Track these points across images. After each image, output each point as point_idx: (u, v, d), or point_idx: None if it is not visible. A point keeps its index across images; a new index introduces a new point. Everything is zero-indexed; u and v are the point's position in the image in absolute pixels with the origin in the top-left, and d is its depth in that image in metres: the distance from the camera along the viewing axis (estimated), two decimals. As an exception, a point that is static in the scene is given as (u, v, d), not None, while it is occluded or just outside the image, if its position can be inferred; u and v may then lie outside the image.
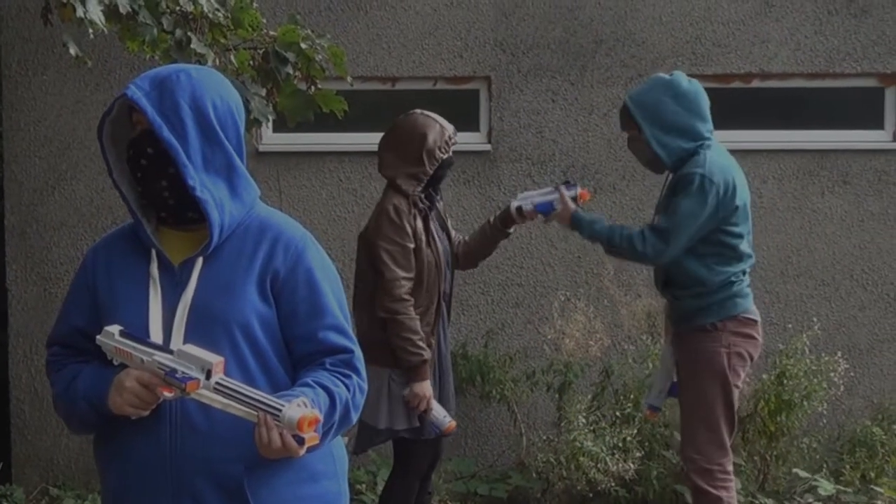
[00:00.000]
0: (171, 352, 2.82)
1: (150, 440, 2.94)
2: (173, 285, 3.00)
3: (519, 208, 5.69)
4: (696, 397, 5.43)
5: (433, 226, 5.57)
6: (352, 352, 3.08)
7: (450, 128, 5.55)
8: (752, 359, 5.49)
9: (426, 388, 5.37)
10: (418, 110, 5.63)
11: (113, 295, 3.05)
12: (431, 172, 5.47)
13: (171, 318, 2.97)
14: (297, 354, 3.06)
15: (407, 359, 5.33)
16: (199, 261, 3.00)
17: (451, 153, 5.54)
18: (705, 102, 5.47)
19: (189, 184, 2.95)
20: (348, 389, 3.01)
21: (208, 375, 2.74)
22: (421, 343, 5.34)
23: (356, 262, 5.65)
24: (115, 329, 2.91)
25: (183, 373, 2.75)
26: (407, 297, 5.34)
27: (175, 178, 2.99)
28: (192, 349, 2.78)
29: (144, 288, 3.00)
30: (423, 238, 5.45)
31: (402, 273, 5.35)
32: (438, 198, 5.66)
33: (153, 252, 3.03)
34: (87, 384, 3.00)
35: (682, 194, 5.30)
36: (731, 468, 5.43)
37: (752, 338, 5.46)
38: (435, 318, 5.53)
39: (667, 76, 5.55)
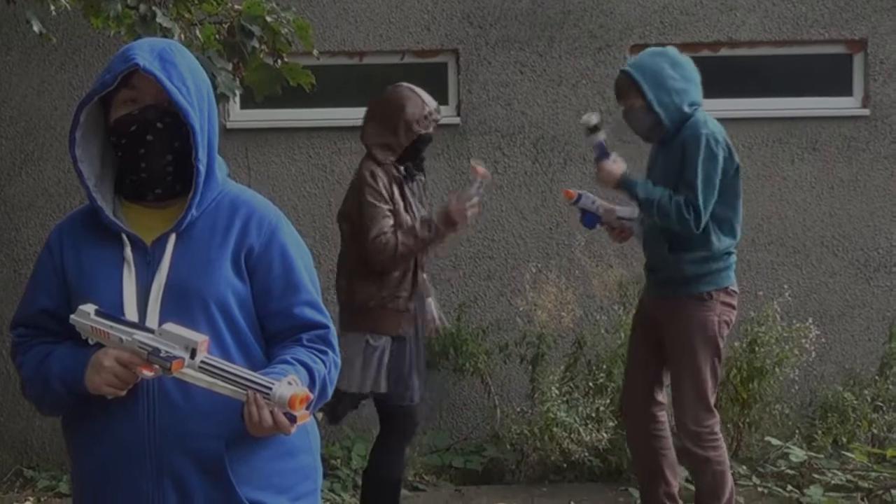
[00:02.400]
0: (150, 330, 2.78)
1: (128, 419, 2.90)
2: (146, 263, 2.96)
3: (596, 127, 5.68)
4: (687, 364, 5.58)
5: (410, 197, 5.59)
6: (327, 327, 3.07)
7: (432, 103, 5.63)
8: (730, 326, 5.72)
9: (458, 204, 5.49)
10: (405, 84, 5.71)
11: (83, 275, 3.00)
12: (406, 144, 5.51)
13: (146, 297, 2.93)
14: (271, 330, 3.04)
15: (429, 237, 5.45)
16: (173, 237, 2.96)
17: (430, 129, 5.59)
18: (697, 72, 5.67)
19: (199, 157, 2.92)
20: (325, 365, 3.00)
21: (193, 354, 2.71)
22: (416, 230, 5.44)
23: (341, 241, 5.67)
24: (90, 308, 2.86)
25: (167, 352, 2.72)
26: (393, 245, 5.39)
27: (180, 152, 2.96)
28: (174, 328, 2.75)
29: (116, 267, 2.95)
30: (402, 204, 5.50)
31: (385, 227, 5.38)
32: (420, 176, 5.72)
33: (122, 234, 2.99)
34: (61, 364, 2.95)
35: (693, 158, 5.43)
36: (718, 429, 5.65)
37: (734, 308, 5.68)
38: (412, 285, 5.57)
39: (659, 48, 5.79)
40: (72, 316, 2.90)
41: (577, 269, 7.78)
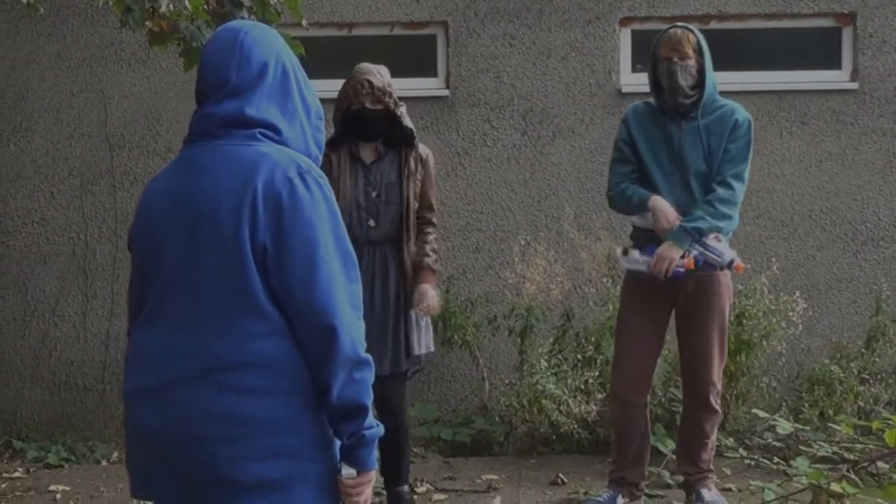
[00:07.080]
0: None
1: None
2: None
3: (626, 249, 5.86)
4: (718, 328, 5.85)
5: (349, 175, 5.68)
6: None
7: (363, 77, 5.62)
8: None
9: None
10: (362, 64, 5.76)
11: None
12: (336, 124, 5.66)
13: None
14: None
15: None
16: None
17: (366, 103, 5.61)
18: None
19: None
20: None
21: None
22: None
23: None
24: None
25: None
26: None
27: None
28: None
29: None
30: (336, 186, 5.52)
31: None
32: (412, 151, 5.78)
33: None
34: None
35: (740, 141, 5.69)
36: None
37: None
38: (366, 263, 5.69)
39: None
40: None
41: (566, 242, 7.78)
